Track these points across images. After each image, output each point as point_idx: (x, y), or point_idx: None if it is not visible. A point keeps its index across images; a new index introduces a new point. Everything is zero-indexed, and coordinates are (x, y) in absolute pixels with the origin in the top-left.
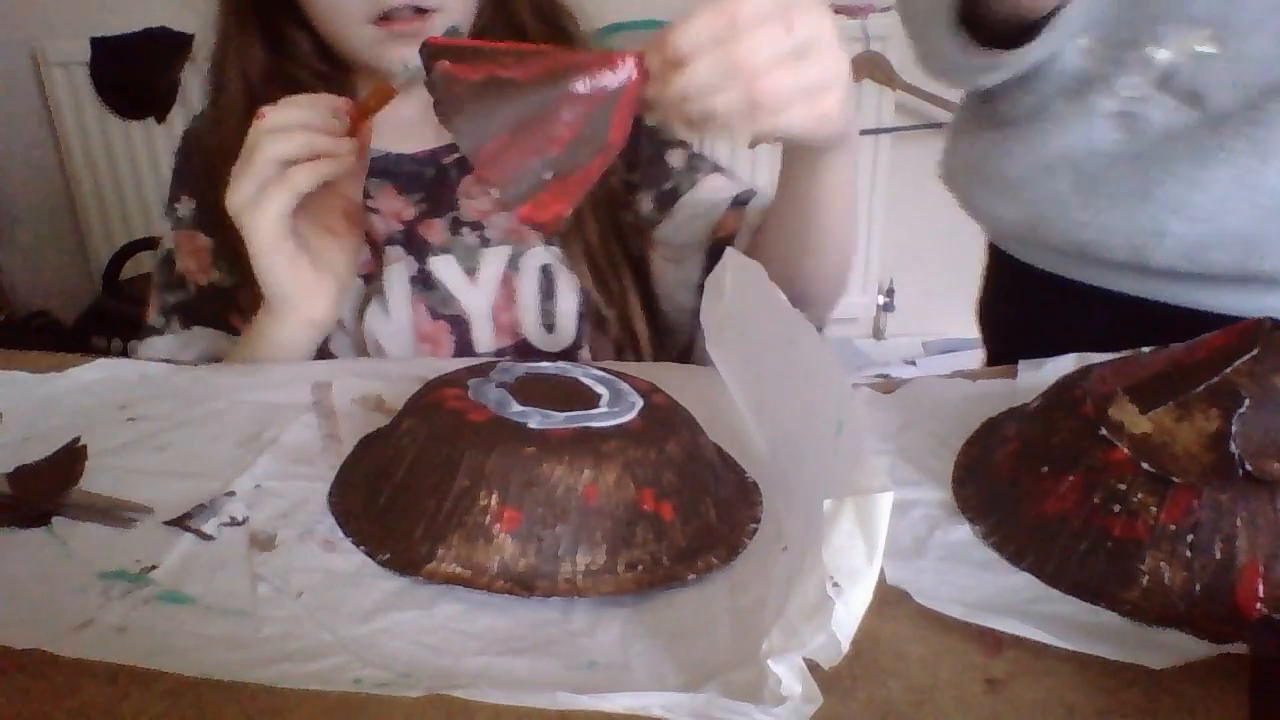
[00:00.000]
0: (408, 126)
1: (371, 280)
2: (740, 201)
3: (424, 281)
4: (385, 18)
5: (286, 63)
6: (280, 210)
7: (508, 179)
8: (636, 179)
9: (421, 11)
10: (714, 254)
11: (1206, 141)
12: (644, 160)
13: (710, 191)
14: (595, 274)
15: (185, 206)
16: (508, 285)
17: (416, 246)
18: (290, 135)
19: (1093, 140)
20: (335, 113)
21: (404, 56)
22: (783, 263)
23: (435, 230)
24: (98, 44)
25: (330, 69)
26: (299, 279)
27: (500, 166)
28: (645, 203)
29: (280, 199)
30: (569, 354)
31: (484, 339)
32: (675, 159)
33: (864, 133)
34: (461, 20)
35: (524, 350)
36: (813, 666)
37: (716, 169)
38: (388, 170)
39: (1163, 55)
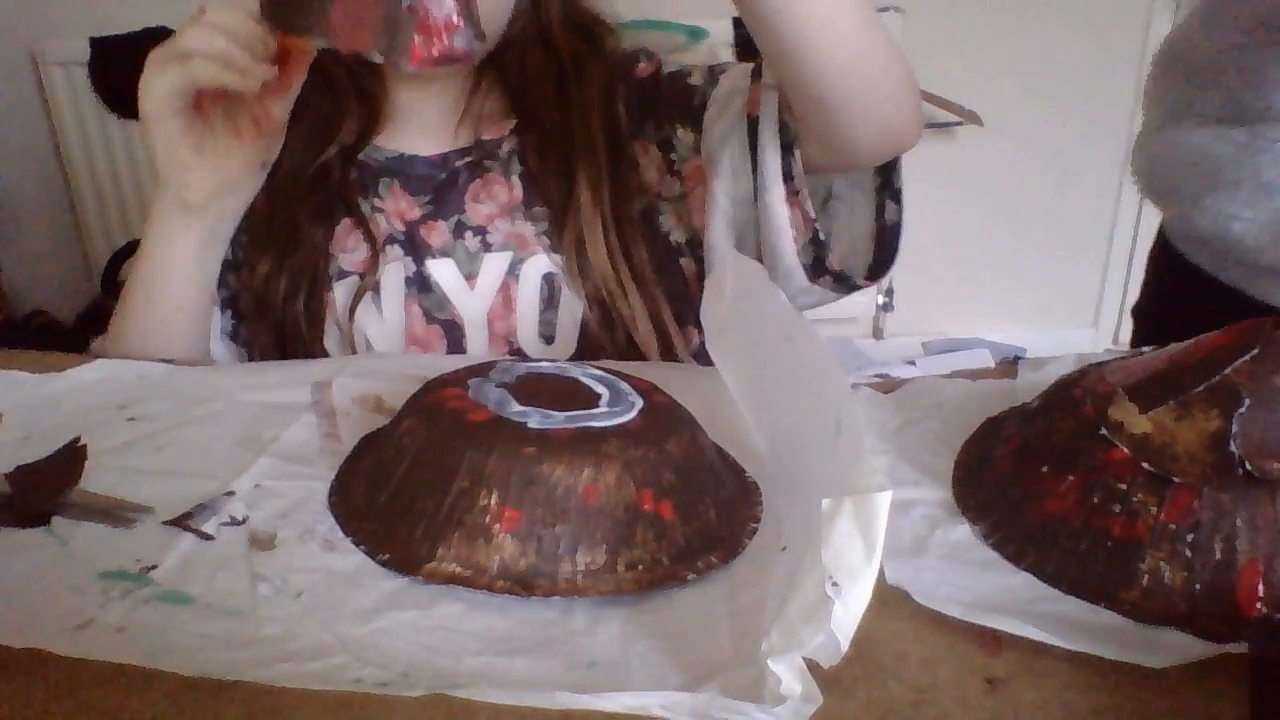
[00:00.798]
0: (426, 129)
1: (366, 277)
2: (759, 71)
3: (420, 284)
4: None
5: (318, 56)
6: (169, 87)
7: (376, 35)
8: (669, 130)
9: None
10: (751, 131)
11: None
12: (666, 103)
13: (731, 80)
14: (599, 296)
15: None
16: (506, 292)
17: (416, 248)
18: (212, 37)
19: None
20: (266, 37)
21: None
22: (811, 98)
23: (437, 233)
24: (98, 44)
25: (360, 62)
26: (175, 155)
27: (358, 29)
28: (685, 137)
29: (173, 76)
30: None
31: (477, 347)
32: (696, 78)
33: None
34: (492, 28)
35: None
36: (813, 666)
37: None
38: (399, 171)
39: None
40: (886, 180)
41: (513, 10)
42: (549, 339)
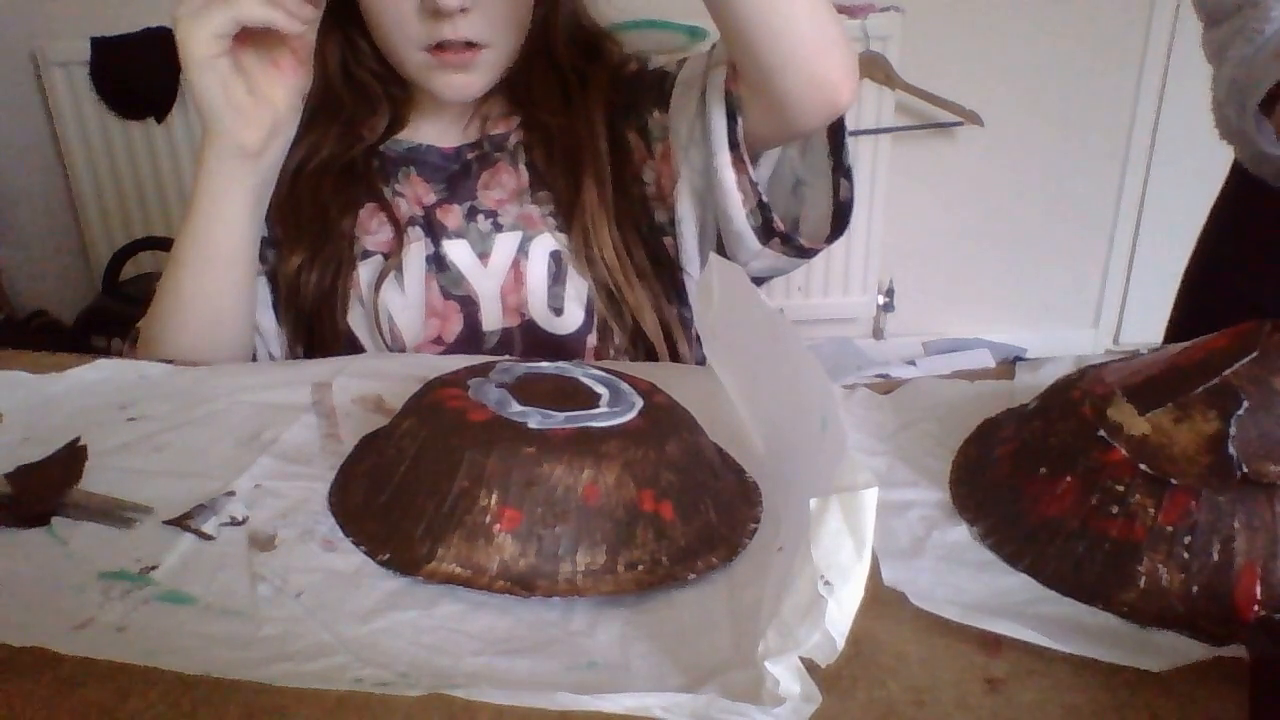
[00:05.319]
0: (445, 125)
1: (391, 257)
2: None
3: (438, 262)
4: (438, 47)
5: (352, 64)
6: (216, 31)
7: None
8: (645, 114)
9: (472, 45)
10: (702, 102)
11: None
12: (643, 92)
13: (693, 62)
14: (606, 285)
15: None
16: (517, 269)
17: (434, 229)
18: None
19: None
20: None
21: (452, 84)
22: (754, 71)
23: (452, 216)
24: (98, 44)
25: (388, 71)
26: (230, 99)
27: None
28: (659, 119)
29: (219, 18)
30: (576, 337)
31: (491, 319)
32: (670, 67)
33: (864, 133)
34: (507, 52)
35: (530, 331)
36: (812, 666)
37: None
38: (418, 160)
39: None
40: (839, 161)
41: (529, 27)
42: (558, 311)
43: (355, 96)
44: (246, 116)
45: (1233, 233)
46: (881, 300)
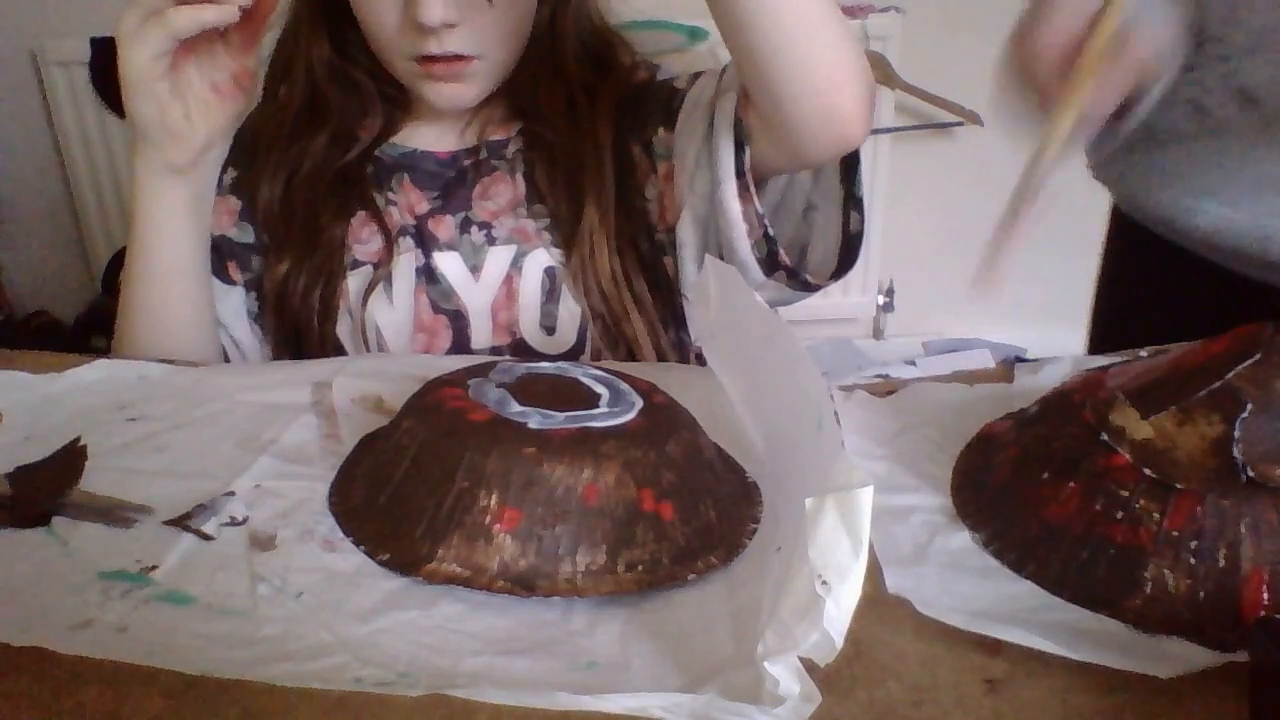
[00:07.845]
0: (442, 128)
1: (380, 267)
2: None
3: (429, 274)
4: (427, 58)
5: (346, 64)
6: (154, 51)
7: None
8: (651, 130)
9: (463, 57)
10: (711, 127)
11: None
12: (650, 106)
13: (703, 81)
14: (601, 313)
15: (229, 175)
16: (509, 284)
17: (425, 240)
18: None
19: None
20: None
21: (443, 93)
22: (766, 100)
23: (444, 227)
24: (98, 44)
25: (383, 70)
26: (165, 122)
27: None
28: (664, 138)
29: (156, 38)
30: (568, 358)
31: (481, 336)
32: (680, 83)
33: None
34: (503, 62)
35: (520, 351)
36: (811, 666)
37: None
38: (412, 166)
39: None
40: (850, 191)
41: (529, 35)
42: (550, 330)
43: (346, 97)
44: (178, 138)
45: (1127, 280)
46: (881, 300)
